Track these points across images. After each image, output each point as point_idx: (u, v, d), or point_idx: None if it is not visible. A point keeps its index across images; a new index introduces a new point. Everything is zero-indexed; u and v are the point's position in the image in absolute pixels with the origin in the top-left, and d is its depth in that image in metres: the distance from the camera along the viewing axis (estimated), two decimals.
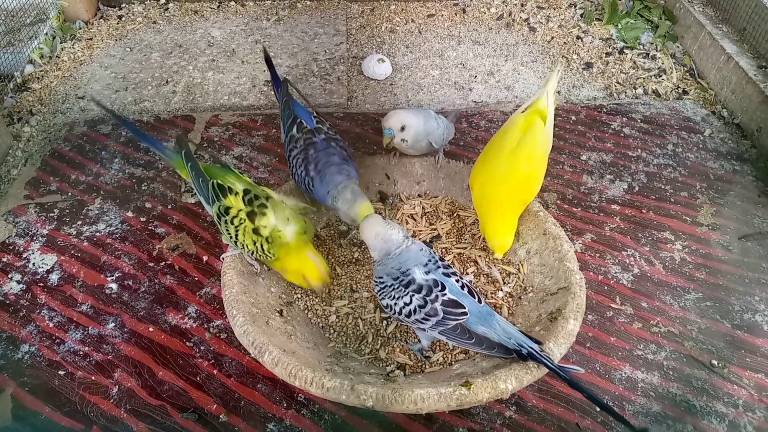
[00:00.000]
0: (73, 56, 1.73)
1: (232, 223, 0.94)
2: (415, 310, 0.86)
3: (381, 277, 0.90)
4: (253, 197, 0.95)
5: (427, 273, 0.87)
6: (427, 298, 0.85)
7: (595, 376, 0.97)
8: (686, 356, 1.00)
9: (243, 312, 0.90)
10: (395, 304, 0.87)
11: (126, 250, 1.16)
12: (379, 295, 0.90)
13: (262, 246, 0.94)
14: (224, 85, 1.62)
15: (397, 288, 0.87)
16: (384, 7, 2.00)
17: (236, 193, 0.95)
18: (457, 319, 0.84)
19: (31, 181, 1.30)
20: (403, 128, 1.11)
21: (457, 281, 0.87)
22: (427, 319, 0.85)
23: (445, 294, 0.85)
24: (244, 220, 0.94)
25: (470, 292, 0.87)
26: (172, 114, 1.51)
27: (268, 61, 1.19)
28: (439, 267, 0.88)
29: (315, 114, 1.12)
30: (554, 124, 1.08)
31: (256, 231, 0.94)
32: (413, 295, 0.86)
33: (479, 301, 0.87)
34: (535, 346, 0.83)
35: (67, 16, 1.85)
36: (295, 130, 1.09)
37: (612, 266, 1.14)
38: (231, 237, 0.96)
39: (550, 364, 0.81)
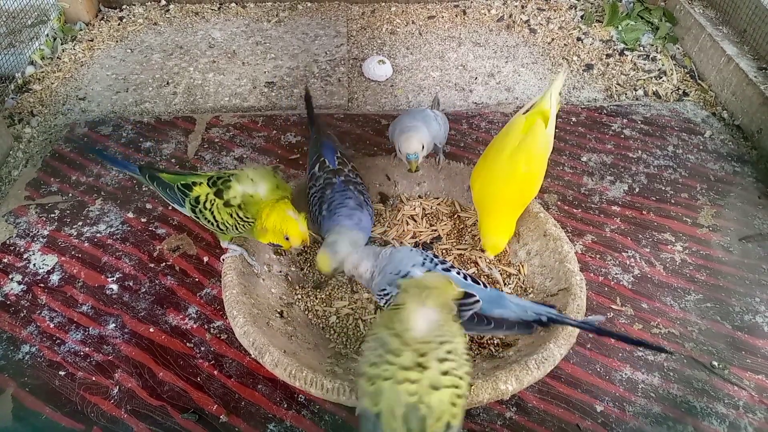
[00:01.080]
0: (74, 57, 1.74)
1: (206, 208, 0.95)
2: None
3: (384, 289, 0.88)
4: (216, 179, 0.96)
5: (427, 271, 0.86)
6: None
7: (596, 377, 0.97)
8: (687, 357, 1.00)
9: (243, 313, 0.90)
10: None
11: (126, 251, 1.16)
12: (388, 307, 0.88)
13: (238, 215, 0.94)
14: (225, 87, 1.63)
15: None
16: (384, 8, 2.00)
17: (200, 183, 0.96)
18: (471, 308, 0.83)
19: (32, 182, 1.30)
20: (423, 147, 1.10)
21: (458, 273, 0.87)
22: None
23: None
24: (214, 199, 0.94)
25: (474, 281, 0.87)
26: (173, 115, 1.52)
27: (308, 101, 1.21)
28: (437, 264, 0.88)
29: (339, 154, 1.12)
30: (555, 126, 1.08)
31: (227, 204, 0.94)
32: None
33: (485, 286, 0.87)
34: (553, 311, 0.84)
35: (68, 17, 1.86)
36: (317, 168, 1.09)
37: (612, 267, 1.14)
38: (212, 223, 0.96)
39: (573, 322, 0.83)
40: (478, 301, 0.83)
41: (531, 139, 1.04)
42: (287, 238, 0.94)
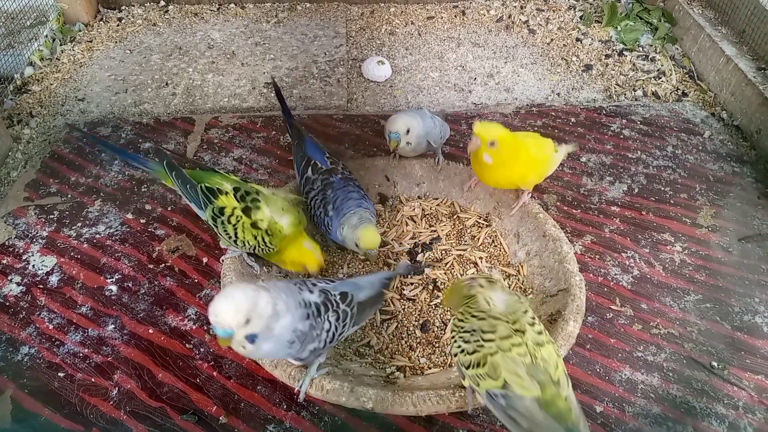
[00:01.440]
0: (73, 58, 1.74)
1: (229, 222, 0.95)
2: (336, 328, 0.83)
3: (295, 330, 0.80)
4: (245, 193, 0.96)
5: (311, 292, 0.83)
6: (338, 308, 0.84)
7: (596, 378, 0.97)
8: (686, 358, 1.00)
9: None
10: (324, 332, 0.82)
11: (126, 252, 1.16)
12: (321, 342, 0.82)
13: (263, 239, 0.95)
14: (224, 87, 1.63)
15: (317, 317, 0.81)
16: (384, 9, 2.00)
17: (226, 193, 0.95)
18: (353, 301, 0.87)
19: (31, 183, 1.30)
20: (408, 131, 1.11)
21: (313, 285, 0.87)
22: (346, 323, 0.85)
23: (335, 293, 0.85)
24: (241, 216, 0.94)
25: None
26: (172, 116, 1.52)
27: (278, 94, 1.20)
28: (312, 284, 0.86)
29: (328, 154, 1.12)
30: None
31: (254, 225, 0.94)
32: (328, 315, 0.82)
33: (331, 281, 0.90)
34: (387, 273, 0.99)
35: (66, 18, 1.86)
36: (310, 171, 1.09)
37: (612, 268, 1.14)
38: (230, 237, 0.96)
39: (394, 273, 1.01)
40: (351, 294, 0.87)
41: (542, 141, 1.08)
42: (305, 268, 1.00)
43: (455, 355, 0.78)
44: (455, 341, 0.78)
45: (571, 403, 0.70)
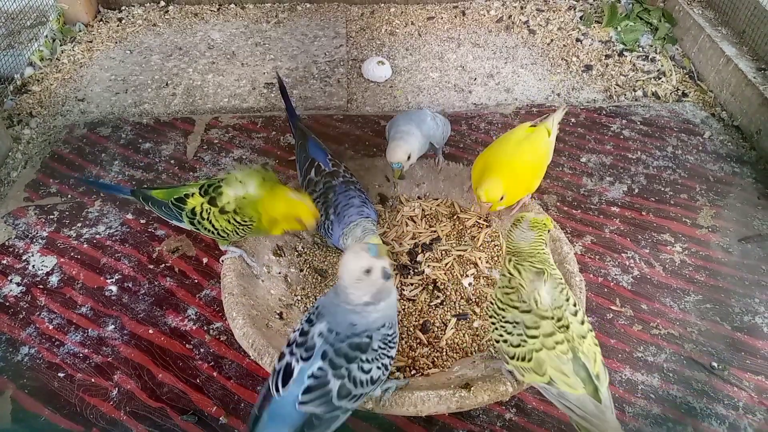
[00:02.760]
0: (73, 59, 1.74)
1: (204, 218, 0.95)
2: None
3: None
4: (207, 187, 0.96)
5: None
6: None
7: None
8: (686, 358, 1.00)
9: (243, 314, 0.90)
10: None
11: (126, 253, 1.16)
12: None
13: (236, 220, 0.95)
14: (224, 88, 1.63)
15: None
16: (384, 9, 2.00)
17: (192, 194, 0.96)
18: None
19: (31, 184, 1.30)
20: (409, 157, 1.10)
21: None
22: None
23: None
24: (210, 208, 0.95)
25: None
26: (172, 116, 1.52)
27: (284, 93, 1.20)
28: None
29: (330, 155, 1.11)
30: (554, 143, 1.12)
31: (223, 211, 0.94)
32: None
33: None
34: None
35: (67, 18, 1.86)
36: (313, 173, 1.09)
37: (612, 268, 1.14)
38: (212, 232, 0.97)
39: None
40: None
41: (536, 137, 1.08)
42: (299, 221, 0.95)
43: (496, 342, 0.79)
44: (496, 328, 0.79)
45: (606, 401, 0.72)
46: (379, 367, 0.74)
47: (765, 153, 1.40)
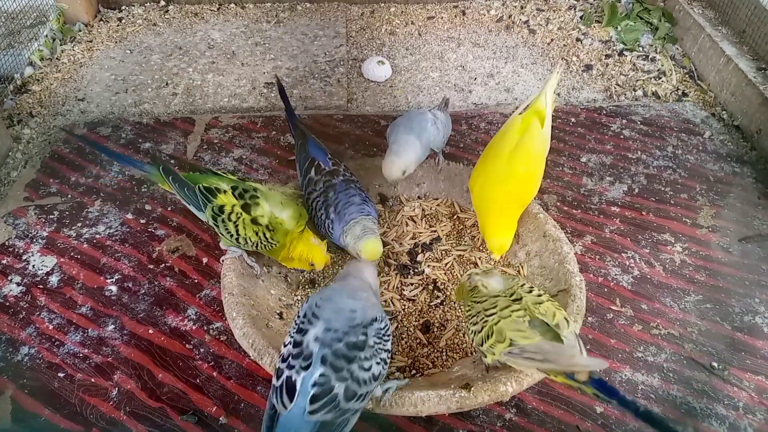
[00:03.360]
0: (73, 58, 1.73)
1: (230, 220, 0.95)
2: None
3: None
4: (243, 191, 0.96)
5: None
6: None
7: None
8: (686, 358, 1.00)
9: (243, 314, 0.90)
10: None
11: (126, 252, 1.16)
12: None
13: (264, 235, 0.95)
14: (224, 87, 1.62)
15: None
16: (384, 9, 2.00)
17: (224, 191, 0.95)
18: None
19: (31, 183, 1.30)
20: (404, 172, 1.10)
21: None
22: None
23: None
24: (241, 213, 0.94)
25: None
26: (172, 116, 1.51)
27: (282, 93, 1.20)
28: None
29: (330, 155, 1.11)
30: (554, 126, 1.09)
31: (254, 221, 0.94)
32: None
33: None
34: None
35: (67, 18, 1.85)
36: (313, 172, 1.08)
37: (612, 268, 1.14)
38: (232, 235, 0.96)
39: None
40: None
41: (528, 139, 1.04)
42: (312, 264, 1.01)
43: (473, 342, 0.84)
44: (468, 329, 0.85)
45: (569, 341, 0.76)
46: (378, 362, 0.75)
47: (765, 153, 1.40)
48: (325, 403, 0.69)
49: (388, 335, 0.79)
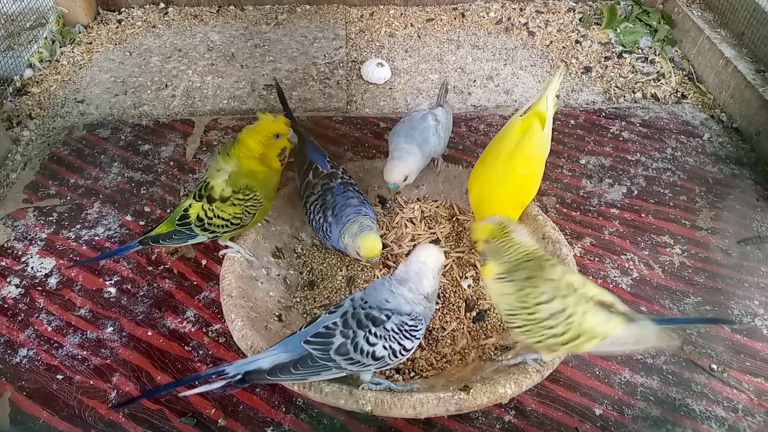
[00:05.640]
0: (73, 60, 1.74)
1: (212, 217, 0.96)
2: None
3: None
4: (198, 191, 0.98)
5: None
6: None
7: (595, 380, 0.96)
8: (685, 360, 1.00)
9: (242, 316, 0.90)
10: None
11: (125, 254, 1.15)
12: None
13: (239, 199, 0.96)
14: (223, 89, 1.63)
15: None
16: (383, 11, 2.00)
17: (190, 205, 0.98)
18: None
19: (30, 185, 1.30)
20: (405, 178, 1.10)
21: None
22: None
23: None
24: (211, 207, 0.96)
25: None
26: (172, 118, 1.52)
27: (281, 96, 1.20)
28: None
29: (328, 158, 1.11)
30: (553, 128, 1.08)
31: (223, 199, 0.96)
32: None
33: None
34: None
35: (66, 20, 1.86)
36: (311, 176, 1.08)
37: (611, 270, 1.14)
38: (228, 225, 0.97)
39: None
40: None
41: (528, 141, 1.04)
42: (278, 136, 0.97)
43: (538, 342, 0.79)
44: (534, 334, 0.78)
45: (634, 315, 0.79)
46: (385, 348, 0.79)
47: (764, 155, 1.40)
48: (320, 342, 0.79)
49: (412, 334, 0.81)
